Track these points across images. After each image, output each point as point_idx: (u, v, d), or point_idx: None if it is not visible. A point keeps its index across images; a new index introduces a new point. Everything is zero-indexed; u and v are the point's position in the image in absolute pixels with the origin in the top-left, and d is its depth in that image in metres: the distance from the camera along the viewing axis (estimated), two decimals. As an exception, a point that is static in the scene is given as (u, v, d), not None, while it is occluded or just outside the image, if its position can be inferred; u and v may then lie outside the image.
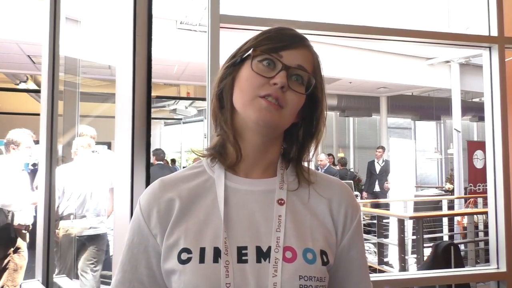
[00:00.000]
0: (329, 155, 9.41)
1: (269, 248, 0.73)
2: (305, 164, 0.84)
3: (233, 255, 0.72)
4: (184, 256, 0.72)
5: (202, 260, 0.71)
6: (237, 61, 0.79)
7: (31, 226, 3.59)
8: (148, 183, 1.22)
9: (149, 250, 0.77)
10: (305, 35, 0.81)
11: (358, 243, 0.83)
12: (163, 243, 0.76)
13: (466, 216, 5.18)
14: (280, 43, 0.77)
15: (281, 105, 0.75)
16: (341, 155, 11.42)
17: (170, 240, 0.75)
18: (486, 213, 4.45)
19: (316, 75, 0.80)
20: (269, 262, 0.72)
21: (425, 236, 4.95)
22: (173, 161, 12.25)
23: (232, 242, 0.73)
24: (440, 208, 6.84)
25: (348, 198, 0.83)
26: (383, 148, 8.92)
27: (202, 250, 0.72)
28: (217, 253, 0.72)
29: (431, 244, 4.08)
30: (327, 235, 0.78)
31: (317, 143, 0.83)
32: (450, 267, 3.29)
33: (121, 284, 0.78)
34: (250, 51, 0.77)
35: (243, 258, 0.72)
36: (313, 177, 0.84)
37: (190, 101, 10.90)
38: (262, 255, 0.73)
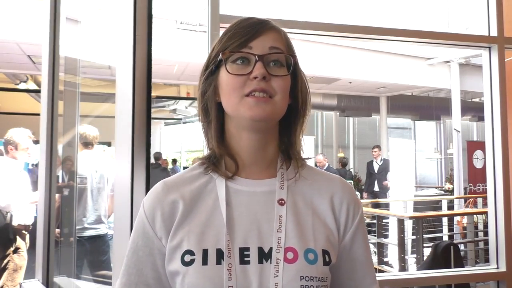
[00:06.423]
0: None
1: (271, 249, 0.73)
2: (306, 162, 0.84)
3: (236, 257, 0.72)
4: (187, 258, 0.72)
5: (205, 262, 0.72)
6: (212, 70, 0.79)
7: (31, 227, 3.59)
8: (148, 183, 1.22)
9: (155, 252, 0.77)
10: (270, 20, 0.79)
11: (361, 240, 0.82)
12: (167, 244, 0.76)
13: (465, 216, 5.18)
14: (244, 36, 0.76)
15: (270, 94, 0.74)
16: (341, 155, 11.43)
17: (174, 242, 0.75)
18: (486, 213, 4.45)
19: (291, 52, 0.80)
20: (270, 263, 0.72)
21: (425, 236, 4.95)
22: (174, 161, 12.27)
23: (234, 243, 0.73)
24: (440, 208, 6.84)
25: (349, 195, 0.82)
26: (378, 147, 8.91)
27: (205, 252, 0.72)
28: (220, 254, 0.72)
29: (430, 244, 4.08)
30: (329, 234, 0.78)
31: (303, 119, 0.82)
32: (450, 267, 3.29)
33: (126, 287, 0.78)
34: (220, 56, 0.76)
35: (245, 259, 0.72)
36: (312, 175, 0.83)
37: (190, 101, 10.88)
38: (264, 256, 0.73)
